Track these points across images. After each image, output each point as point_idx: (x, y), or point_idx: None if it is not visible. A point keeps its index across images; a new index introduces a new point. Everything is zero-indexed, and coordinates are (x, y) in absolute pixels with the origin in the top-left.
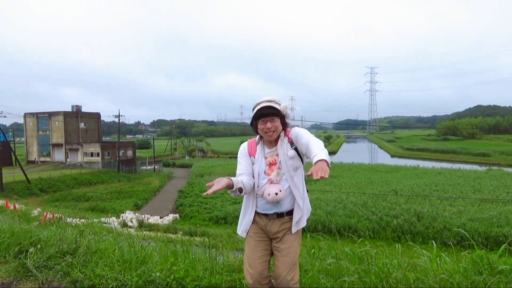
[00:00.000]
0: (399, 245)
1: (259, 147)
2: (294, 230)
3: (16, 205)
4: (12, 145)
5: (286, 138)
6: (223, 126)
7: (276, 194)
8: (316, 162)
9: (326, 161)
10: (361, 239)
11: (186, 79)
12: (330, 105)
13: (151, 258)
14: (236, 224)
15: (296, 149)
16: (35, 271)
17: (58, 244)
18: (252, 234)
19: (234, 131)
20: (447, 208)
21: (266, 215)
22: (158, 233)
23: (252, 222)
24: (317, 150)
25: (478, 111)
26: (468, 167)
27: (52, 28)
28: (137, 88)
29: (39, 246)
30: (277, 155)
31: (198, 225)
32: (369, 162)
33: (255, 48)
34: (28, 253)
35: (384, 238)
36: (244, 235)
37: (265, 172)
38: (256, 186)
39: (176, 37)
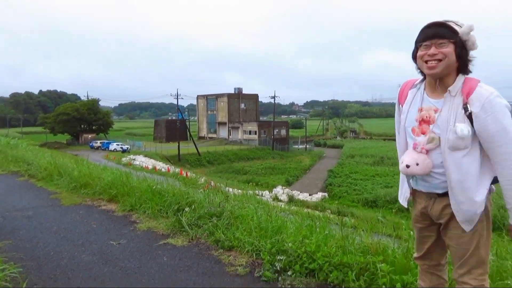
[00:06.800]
0: None
1: (412, 92)
2: (464, 227)
3: (188, 173)
4: (187, 123)
5: (462, 94)
6: (378, 107)
7: (408, 167)
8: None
9: None
10: None
11: (333, 59)
12: (509, 81)
13: (285, 229)
14: (387, 208)
15: (470, 119)
16: (187, 228)
17: (207, 206)
18: (415, 219)
19: (390, 112)
20: None
21: (422, 191)
22: (293, 207)
23: (414, 205)
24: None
25: None
26: None
27: (214, 20)
28: (289, 69)
29: (193, 206)
30: (436, 111)
31: (345, 205)
32: None
33: (409, 20)
34: (184, 211)
35: None
36: (405, 204)
37: (413, 130)
38: (402, 148)
39: (318, 12)
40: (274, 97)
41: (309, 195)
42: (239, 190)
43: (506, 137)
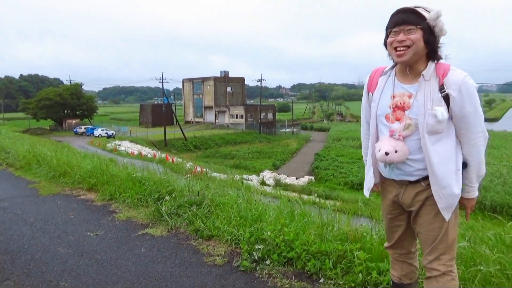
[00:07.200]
0: None
1: (383, 79)
2: (445, 215)
3: (174, 159)
4: (173, 108)
5: (437, 77)
6: None
7: (387, 154)
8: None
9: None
10: None
11: (320, 41)
12: (494, 63)
13: (266, 217)
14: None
15: (446, 101)
16: (167, 217)
17: (188, 195)
18: (385, 210)
19: None
20: None
21: (394, 179)
22: (275, 192)
23: (384, 194)
24: (474, 176)
25: None
26: None
27: (200, 2)
28: (276, 52)
29: (173, 195)
30: (410, 96)
31: (331, 188)
32: None
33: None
34: (164, 200)
35: None
36: (367, 195)
37: (386, 117)
38: (373, 136)
39: None
40: (260, 80)
41: (296, 178)
42: (225, 175)
43: (477, 116)
